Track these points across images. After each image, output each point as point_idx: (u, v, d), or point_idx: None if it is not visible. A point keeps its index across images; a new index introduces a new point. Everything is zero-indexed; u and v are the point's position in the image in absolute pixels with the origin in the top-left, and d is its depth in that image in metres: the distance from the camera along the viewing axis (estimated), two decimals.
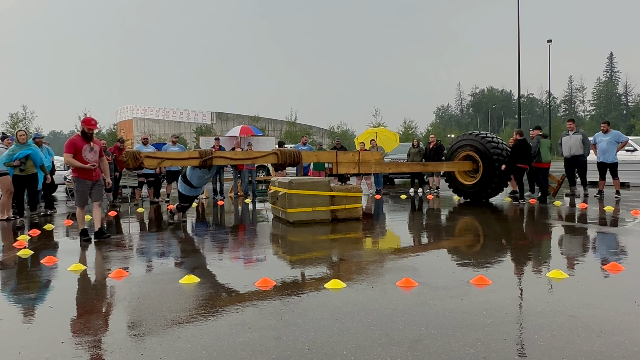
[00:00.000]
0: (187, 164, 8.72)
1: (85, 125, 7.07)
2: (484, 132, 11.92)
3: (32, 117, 40.15)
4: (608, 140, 11.50)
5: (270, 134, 46.14)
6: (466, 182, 11.47)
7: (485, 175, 10.94)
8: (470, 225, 8.18)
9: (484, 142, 11.01)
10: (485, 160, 10.90)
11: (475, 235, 7.11)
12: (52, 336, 3.24)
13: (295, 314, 3.61)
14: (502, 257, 5.65)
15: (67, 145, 6.99)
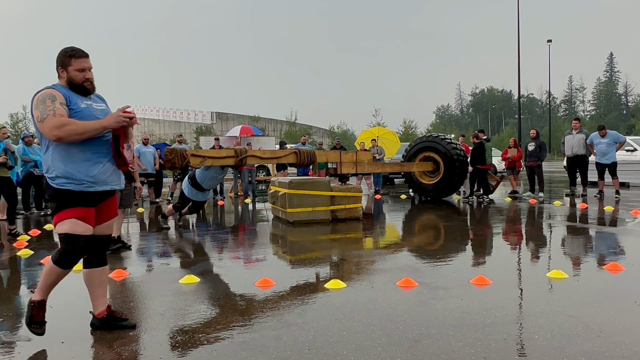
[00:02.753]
0: (224, 162, 8.45)
1: None
2: (442, 134, 12.58)
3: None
4: (607, 142, 11.47)
5: (270, 134, 46.14)
6: (426, 182, 11.96)
7: (446, 175, 11.52)
8: (470, 225, 8.17)
9: (444, 144, 11.58)
10: (446, 161, 11.47)
11: (475, 235, 7.11)
12: (52, 336, 3.24)
13: (295, 313, 3.61)
14: (502, 257, 5.65)
15: None
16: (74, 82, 3.12)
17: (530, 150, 12.42)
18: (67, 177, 3.03)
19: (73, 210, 3.05)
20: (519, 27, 30.57)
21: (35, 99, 3.02)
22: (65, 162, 3.03)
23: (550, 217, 8.71)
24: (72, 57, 3.13)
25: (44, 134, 2.97)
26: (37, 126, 2.99)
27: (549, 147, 41.94)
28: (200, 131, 46.92)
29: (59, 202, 3.06)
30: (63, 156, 3.03)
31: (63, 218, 3.06)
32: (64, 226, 3.05)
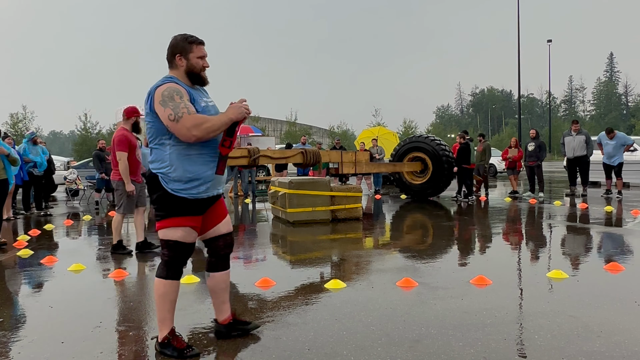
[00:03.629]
0: (239, 162, 8.39)
1: (136, 115, 6.03)
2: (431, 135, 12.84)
3: (32, 117, 40.14)
4: (614, 144, 11.44)
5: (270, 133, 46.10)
6: (415, 182, 12.09)
7: (434, 174, 11.71)
8: (470, 225, 8.17)
9: (433, 145, 11.77)
10: (435, 161, 11.66)
11: (475, 235, 7.10)
12: (52, 336, 3.24)
13: (295, 313, 3.61)
14: (502, 257, 5.65)
15: (121, 141, 5.79)
16: (193, 71, 2.90)
17: (530, 150, 12.42)
18: (184, 180, 2.80)
19: (186, 218, 2.85)
20: (519, 27, 30.57)
21: (158, 93, 2.76)
22: (184, 163, 2.79)
23: (550, 217, 8.71)
24: (192, 43, 2.90)
25: (179, 134, 2.71)
26: (169, 125, 2.71)
27: (549, 147, 41.96)
28: None
29: (171, 207, 2.83)
30: (182, 157, 2.79)
31: (175, 225, 2.84)
32: (176, 233, 2.85)
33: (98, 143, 12.51)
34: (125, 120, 6.01)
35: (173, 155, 2.79)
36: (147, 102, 2.81)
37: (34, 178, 10.63)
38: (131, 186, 5.85)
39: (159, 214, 2.89)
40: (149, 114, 2.82)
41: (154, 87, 2.81)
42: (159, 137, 2.82)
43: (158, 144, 2.84)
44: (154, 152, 2.88)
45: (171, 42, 2.92)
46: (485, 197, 12.26)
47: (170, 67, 2.94)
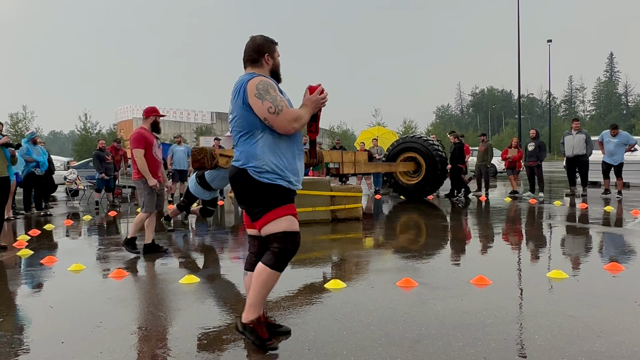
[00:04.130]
0: None
1: (155, 114, 5.98)
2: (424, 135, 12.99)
3: (32, 117, 40.16)
4: (616, 142, 11.39)
5: None
6: (408, 182, 12.19)
7: (428, 174, 11.81)
8: (470, 225, 8.17)
9: (427, 145, 11.89)
10: (428, 161, 11.76)
11: (475, 235, 7.10)
12: (52, 336, 3.24)
13: (295, 313, 3.61)
14: (502, 257, 5.65)
15: (136, 139, 5.78)
16: (276, 70, 3.00)
17: (530, 150, 12.43)
18: (277, 172, 2.81)
19: (287, 207, 2.85)
20: (519, 27, 30.57)
21: (252, 86, 2.77)
22: (275, 156, 2.81)
23: (550, 217, 8.71)
24: (274, 43, 3.01)
25: (279, 126, 2.74)
26: (268, 118, 2.73)
27: (549, 147, 41.96)
28: (200, 131, 46.92)
29: (272, 198, 2.81)
30: (273, 150, 2.81)
31: (280, 215, 2.82)
32: (281, 224, 2.83)
33: (98, 143, 12.51)
34: (145, 119, 5.98)
35: (265, 149, 2.81)
36: (238, 95, 2.83)
37: (34, 178, 10.63)
38: (153, 180, 5.78)
39: (257, 210, 2.85)
40: (240, 107, 2.82)
41: (244, 80, 2.83)
42: (249, 131, 2.83)
43: (247, 138, 2.84)
44: (241, 146, 2.87)
45: (256, 42, 2.97)
46: (485, 197, 12.27)
47: (254, 65, 2.97)
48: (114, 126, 49.72)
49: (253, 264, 3.05)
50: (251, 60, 2.97)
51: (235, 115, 2.88)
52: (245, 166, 2.83)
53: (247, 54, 2.98)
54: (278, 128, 2.77)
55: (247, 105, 2.78)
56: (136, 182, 5.94)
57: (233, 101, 2.88)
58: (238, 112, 2.84)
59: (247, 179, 2.82)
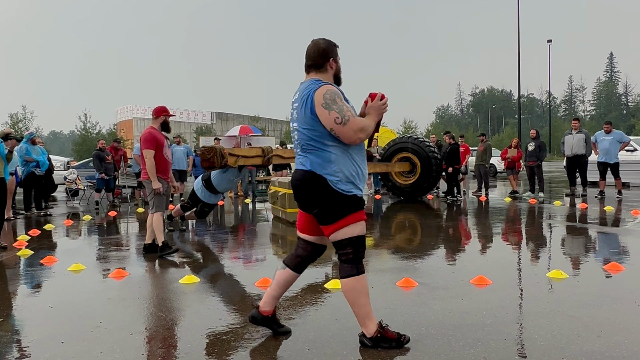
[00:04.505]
0: (254, 162, 8.26)
1: (165, 114, 5.93)
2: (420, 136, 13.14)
3: (31, 117, 40.17)
4: (610, 140, 11.41)
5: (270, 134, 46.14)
6: (404, 182, 12.25)
7: (423, 174, 11.88)
8: (470, 225, 8.17)
9: (422, 145, 11.98)
10: (423, 161, 11.84)
11: (475, 235, 7.10)
12: (52, 336, 3.24)
13: (295, 313, 3.61)
14: (502, 257, 5.65)
15: (148, 139, 5.72)
16: (338, 74, 3.01)
17: (530, 150, 12.43)
18: (350, 180, 2.85)
19: (361, 212, 2.91)
20: (519, 27, 30.57)
21: (319, 96, 2.77)
22: (348, 163, 2.85)
23: (550, 217, 8.71)
24: (336, 46, 3.00)
25: (345, 136, 2.77)
26: (334, 128, 2.75)
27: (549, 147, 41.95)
28: (200, 131, 46.92)
29: (346, 206, 2.85)
30: (346, 157, 2.84)
31: (355, 220, 2.88)
32: (356, 228, 2.88)
33: (98, 143, 12.51)
34: (155, 119, 5.94)
35: (339, 157, 2.83)
36: (305, 105, 2.82)
37: (34, 178, 10.62)
38: (157, 183, 5.73)
39: (332, 216, 2.85)
40: (309, 116, 2.81)
41: (311, 89, 2.82)
42: (320, 140, 2.82)
43: (319, 147, 2.83)
44: (312, 155, 2.85)
45: (321, 47, 2.94)
46: (485, 197, 12.27)
47: (318, 71, 2.95)
48: (114, 126, 49.70)
49: (296, 265, 3.10)
50: (315, 65, 2.94)
51: (302, 123, 2.86)
52: (322, 174, 2.83)
53: (312, 59, 2.94)
54: (344, 138, 2.78)
55: (315, 115, 2.79)
56: (146, 182, 5.88)
57: (300, 109, 2.86)
58: (306, 121, 2.83)
59: (324, 187, 2.82)
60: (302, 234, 3.10)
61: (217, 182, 7.38)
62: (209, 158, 7.11)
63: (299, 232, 3.12)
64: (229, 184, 7.56)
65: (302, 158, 2.90)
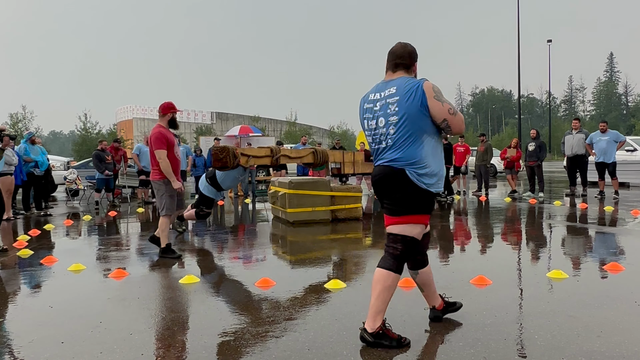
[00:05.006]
0: (263, 162, 8.18)
1: (172, 111, 5.72)
2: None
3: (31, 117, 40.16)
4: (607, 139, 11.42)
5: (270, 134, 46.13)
6: None
7: None
8: (470, 225, 8.17)
9: None
10: None
11: (475, 236, 7.10)
12: (52, 336, 3.24)
13: (295, 313, 3.61)
14: (502, 257, 5.65)
15: (158, 138, 5.53)
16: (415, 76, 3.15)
17: (530, 150, 12.43)
18: (433, 175, 2.93)
19: (427, 216, 2.99)
20: (519, 27, 30.57)
21: (429, 89, 2.88)
22: (435, 159, 2.95)
23: (550, 217, 8.70)
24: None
25: (455, 125, 2.91)
26: (447, 118, 2.88)
27: (549, 147, 41.96)
28: (200, 131, 46.90)
29: (422, 204, 2.95)
30: (432, 153, 2.95)
31: (419, 222, 2.97)
32: (416, 229, 2.98)
33: (100, 144, 12.51)
34: (162, 117, 5.73)
35: (428, 151, 2.92)
36: (414, 97, 2.86)
37: (34, 178, 10.62)
38: (178, 183, 5.58)
39: (402, 209, 2.94)
40: (417, 108, 2.86)
41: (419, 83, 2.90)
42: (416, 134, 2.89)
43: (412, 140, 2.90)
44: (403, 149, 2.91)
45: (410, 49, 3.10)
46: (485, 197, 12.27)
47: (407, 70, 3.07)
48: (114, 126, 49.69)
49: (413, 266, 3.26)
50: (405, 65, 3.07)
51: (403, 116, 2.89)
52: (405, 167, 2.91)
53: (402, 58, 3.06)
54: (454, 127, 2.92)
55: (425, 106, 2.86)
56: (156, 183, 5.71)
57: (404, 103, 2.88)
58: (411, 113, 2.87)
59: (404, 180, 2.91)
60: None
61: (222, 179, 7.28)
62: (222, 158, 6.96)
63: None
64: (234, 181, 7.46)
65: (391, 152, 2.96)
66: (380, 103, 3.00)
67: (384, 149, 2.99)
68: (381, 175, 2.99)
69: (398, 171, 2.91)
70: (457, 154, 14.05)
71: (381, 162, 3.01)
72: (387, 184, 2.96)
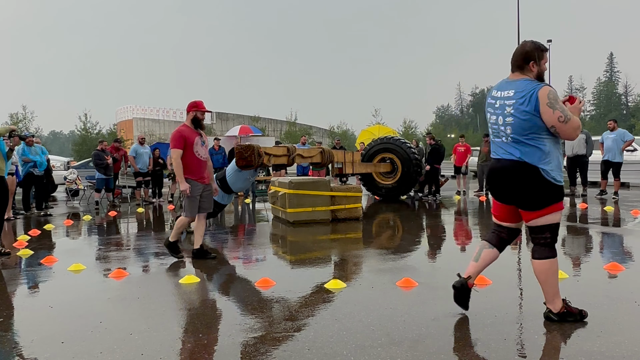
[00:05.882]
0: (281, 161, 8.20)
1: (198, 110, 5.47)
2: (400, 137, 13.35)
3: (32, 117, 40.15)
4: (613, 138, 11.40)
5: (270, 134, 46.11)
6: (385, 182, 12.36)
7: (404, 175, 12.03)
8: (469, 225, 8.17)
9: (404, 147, 12.15)
10: (404, 162, 12.01)
11: (475, 235, 7.10)
12: (52, 336, 3.24)
13: (295, 313, 3.61)
14: (502, 257, 5.63)
15: (175, 137, 5.36)
16: (541, 76, 3.23)
17: None
18: (558, 170, 3.16)
19: (562, 202, 3.24)
20: (519, 27, 30.58)
21: (544, 95, 3.01)
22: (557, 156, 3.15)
23: None
24: (543, 51, 3.21)
25: (565, 133, 3.06)
26: (556, 125, 3.03)
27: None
28: None
29: (555, 195, 3.16)
30: (555, 149, 3.14)
31: (558, 209, 3.20)
32: (557, 216, 3.22)
33: (100, 144, 12.51)
34: (187, 115, 5.54)
35: (552, 149, 3.13)
36: (528, 102, 3.05)
37: (34, 178, 10.62)
38: (185, 184, 5.33)
39: (539, 204, 3.15)
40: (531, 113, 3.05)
41: (535, 89, 3.06)
42: (536, 132, 3.09)
43: (533, 139, 3.10)
44: (525, 146, 3.12)
45: (524, 49, 3.20)
46: (485, 197, 12.27)
47: (521, 71, 3.21)
48: (114, 126, 49.67)
49: (501, 246, 3.63)
50: (517, 65, 3.22)
51: (518, 118, 3.09)
52: (536, 164, 3.11)
53: (514, 59, 3.23)
54: (563, 134, 3.08)
55: (538, 112, 3.05)
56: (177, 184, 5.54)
57: (520, 105, 3.08)
58: (526, 117, 3.07)
59: (536, 176, 3.11)
60: (504, 223, 3.49)
61: (232, 181, 7.00)
62: (247, 157, 6.71)
63: (498, 221, 3.52)
64: (245, 183, 7.16)
65: (511, 148, 3.17)
66: (500, 102, 3.21)
67: (505, 144, 3.21)
68: (505, 169, 3.21)
69: (525, 166, 3.11)
70: (458, 154, 14.04)
71: (503, 156, 3.22)
72: (512, 178, 3.17)
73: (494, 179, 3.31)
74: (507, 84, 3.22)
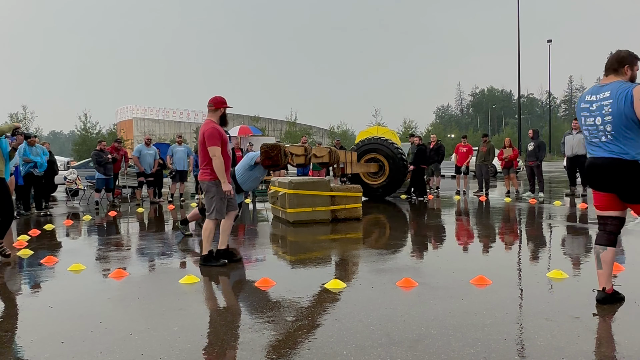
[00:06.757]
0: (299, 160, 8.21)
1: (225, 106, 5.26)
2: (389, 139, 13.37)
3: (32, 117, 40.15)
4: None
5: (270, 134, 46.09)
6: (373, 182, 12.43)
7: (392, 175, 12.16)
8: (470, 225, 8.17)
9: (392, 148, 12.30)
10: (392, 162, 12.13)
11: (475, 235, 7.10)
12: (52, 336, 3.24)
13: (295, 313, 3.61)
14: (502, 257, 5.65)
15: (213, 134, 5.03)
16: (633, 80, 3.51)
17: (530, 150, 12.43)
18: None
19: None
20: (519, 27, 30.58)
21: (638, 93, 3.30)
22: None
23: (550, 217, 8.70)
24: (636, 58, 3.55)
25: None
26: None
27: (549, 147, 41.97)
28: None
29: None
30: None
31: None
32: None
33: (99, 144, 12.51)
34: (213, 112, 5.23)
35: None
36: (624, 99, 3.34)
37: (34, 178, 10.62)
38: (228, 185, 5.10)
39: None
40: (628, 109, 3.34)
41: (629, 88, 3.37)
42: (635, 129, 3.38)
43: (632, 135, 3.39)
44: (624, 142, 3.42)
45: (620, 55, 3.55)
46: (485, 197, 12.27)
47: (616, 73, 3.52)
48: (114, 126, 49.66)
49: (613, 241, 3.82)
50: (613, 68, 3.55)
51: (616, 116, 3.39)
52: (636, 158, 3.41)
53: (610, 63, 3.56)
54: None
55: (632, 108, 3.34)
56: (206, 184, 5.20)
57: (616, 105, 3.39)
58: (624, 113, 3.36)
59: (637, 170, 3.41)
60: (609, 212, 3.79)
61: (242, 180, 6.77)
62: (273, 156, 6.56)
63: (603, 212, 3.81)
64: (255, 181, 6.99)
65: (611, 145, 3.47)
66: (596, 104, 3.50)
67: (605, 142, 3.49)
68: (608, 164, 3.48)
69: (628, 161, 3.40)
70: (460, 154, 14.06)
71: (603, 155, 3.51)
72: (616, 172, 3.45)
73: (594, 173, 3.58)
74: (601, 87, 3.52)
